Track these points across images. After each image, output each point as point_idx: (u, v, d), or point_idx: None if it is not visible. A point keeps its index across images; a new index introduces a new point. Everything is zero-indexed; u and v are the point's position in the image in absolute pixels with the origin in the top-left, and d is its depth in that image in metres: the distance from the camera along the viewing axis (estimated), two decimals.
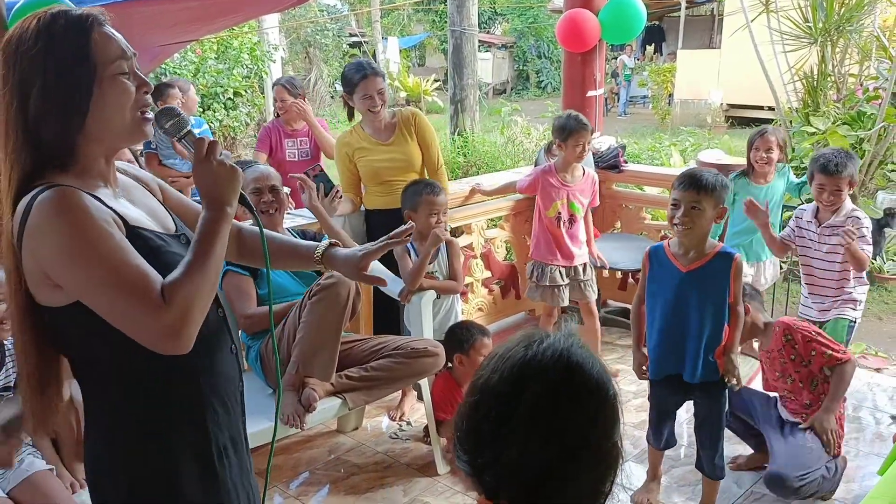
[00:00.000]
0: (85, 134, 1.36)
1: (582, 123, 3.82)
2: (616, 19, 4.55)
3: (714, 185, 2.60)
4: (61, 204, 1.27)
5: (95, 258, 1.27)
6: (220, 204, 1.42)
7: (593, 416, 0.99)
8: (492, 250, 4.64)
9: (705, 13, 21.65)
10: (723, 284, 2.68)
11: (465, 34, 8.92)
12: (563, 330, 1.04)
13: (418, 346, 2.96)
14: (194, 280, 1.32)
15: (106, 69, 1.34)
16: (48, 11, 1.34)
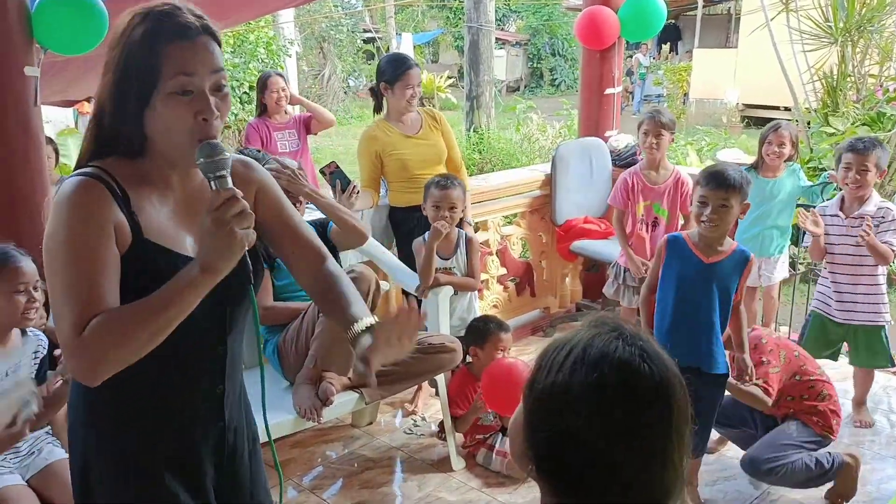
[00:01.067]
0: (147, 136, 1.35)
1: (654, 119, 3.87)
2: (636, 16, 4.52)
3: (741, 182, 2.69)
4: (69, 194, 1.31)
5: (62, 256, 1.29)
6: (209, 267, 1.28)
7: (686, 409, 0.96)
8: (508, 247, 4.63)
9: (722, 12, 21.53)
10: (735, 281, 2.77)
11: (482, 31, 8.90)
12: (633, 324, 1.00)
13: (436, 341, 2.96)
14: (125, 329, 1.27)
15: (164, 84, 1.30)
16: (145, 10, 1.31)
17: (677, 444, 0.94)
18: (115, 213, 1.33)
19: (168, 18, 1.31)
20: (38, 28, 2.59)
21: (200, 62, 1.31)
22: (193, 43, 1.31)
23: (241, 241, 1.28)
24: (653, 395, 0.93)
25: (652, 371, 0.93)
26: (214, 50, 1.34)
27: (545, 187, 4.65)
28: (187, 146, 1.32)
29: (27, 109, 2.61)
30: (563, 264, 4.87)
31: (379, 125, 3.64)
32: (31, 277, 2.33)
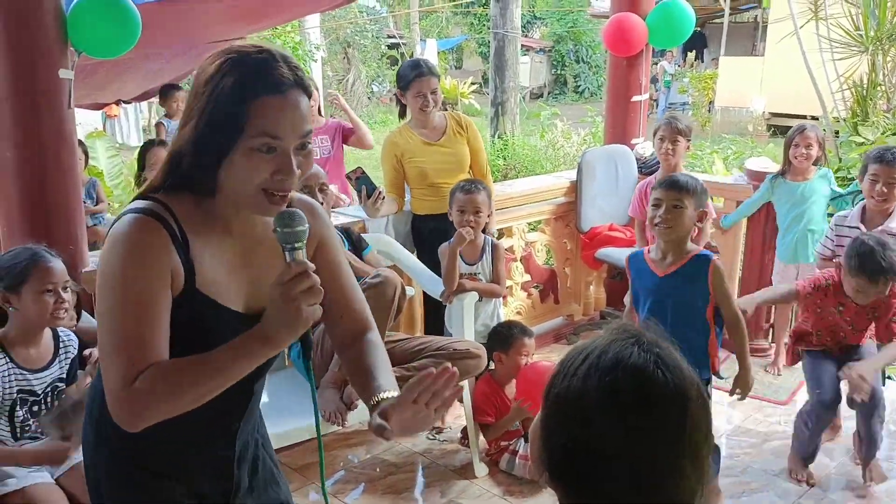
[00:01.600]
0: (219, 181, 1.33)
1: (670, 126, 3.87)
2: (665, 23, 4.50)
3: (695, 186, 2.67)
4: (128, 232, 1.29)
5: (116, 299, 1.28)
6: (271, 340, 1.27)
7: (707, 416, 0.96)
8: (532, 254, 4.62)
9: (748, 20, 21.39)
10: (701, 288, 2.69)
11: (508, 37, 8.90)
12: (652, 326, 1.01)
13: (460, 347, 2.95)
14: (178, 388, 1.27)
15: (248, 140, 1.27)
16: (239, 55, 1.28)
17: (691, 455, 0.93)
18: (173, 259, 1.31)
19: (261, 70, 1.27)
20: (72, 31, 2.63)
21: (289, 124, 1.28)
22: (284, 98, 1.27)
23: (307, 318, 1.26)
24: (666, 403, 0.92)
25: (666, 378, 0.92)
26: (304, 108, 1.30)
27: (570, 194, 4.64)
28: (257, 198, 1.31)
29: (61, 112, 2.65)
30: (587, 272, 4.84)
31: (401, 131, 3.65)
32: (61, 278, 2.34)
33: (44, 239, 2.65)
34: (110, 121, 13.25)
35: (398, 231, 3.73)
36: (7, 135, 2.59)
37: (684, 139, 3.83)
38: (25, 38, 2.55)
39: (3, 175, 2.64)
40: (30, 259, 2.31)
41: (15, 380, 2.31)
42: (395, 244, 3.57)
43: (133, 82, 5.53)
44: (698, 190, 2.68)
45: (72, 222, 2.76)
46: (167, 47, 4.87)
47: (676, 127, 3.80)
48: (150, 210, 1.31)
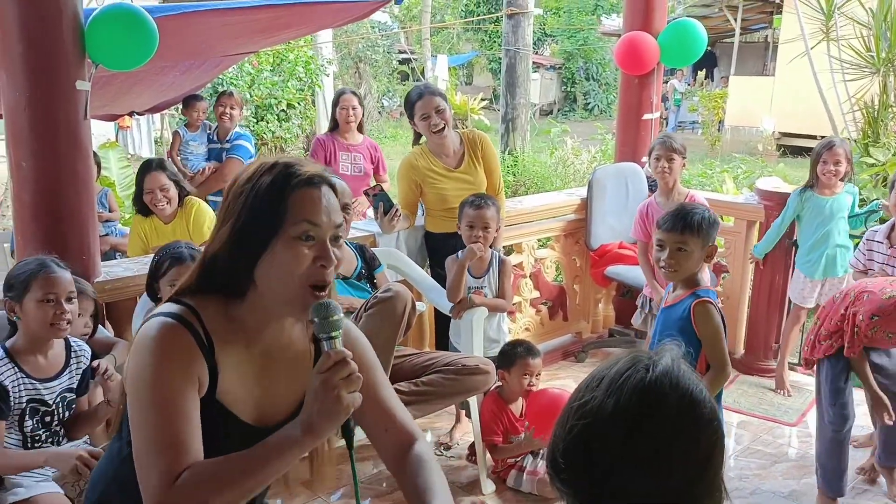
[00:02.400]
0: (256, 281, 1.35)
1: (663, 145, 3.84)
2: (676, 42, 4.52)
3: (700, 223, 2.50)
4: (157, 338, 1.31)
5: (149, 402, 1.29)
6: (312, 430, 1.27)
7: (712, 442, 0.96)
8: (541, 270, 4.62)
9: (759, 40, 21.43)
10: (686, 328, 2.50)
11: (520, 54, 8.95)
12: (670, 351, 1.01)
13: (469, 363, 2.95)
14: (222, 486, 1.27)
15: (289, 228, 1.32)
16: (270, 162, 1.37)
17: (700, 480, 0.95)
18: (200, 365, 1.33)
19: (295, 168, 1.36)
20: (90, 44, 2.66)
21: (325, 213, 1.34)
22: (319, 191, 1.35)
23: (348, 407, 1.27)
24: (672, 425, 0.94)
25: (672, 399, 0.95)
26: (335, 203, 1.38)
27: (580, 211, 4.64)
28: (298, 290, 1.33)
29: (77, 123, 2.67)
30: (596, 289, 4.84)
31: (421, 154, 3.63)
32: (64, 288, 2.33)
33: (58, 248, 2.67)
34: (123, 132, 13.33)
35: (409, 246, 3.74)
36: (24, 144, 2.62)
37: (679, 157, 3.84)
38: (43, 50, 2.57)
39: (20, 184, 2.66)
40: (35, 268, 2.32)
41: (24, 389, 2.31)
42: (405, 259, 3.58)
43: (146, 94, 5.56)
44: (704, 227, 2.51)
45: (85, 232, 2.77)
46: (182, 60, 4.90)
47: (671, 145, 3.81)
48: (178, 315, 1.34)
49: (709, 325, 2.49)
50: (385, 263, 3.36)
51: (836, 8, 6.42)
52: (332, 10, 5.03)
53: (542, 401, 3.15)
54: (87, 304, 2.63)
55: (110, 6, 2.77)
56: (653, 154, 3.89)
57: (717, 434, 0.97)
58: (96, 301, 2.67)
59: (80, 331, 2.57)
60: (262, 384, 1.42)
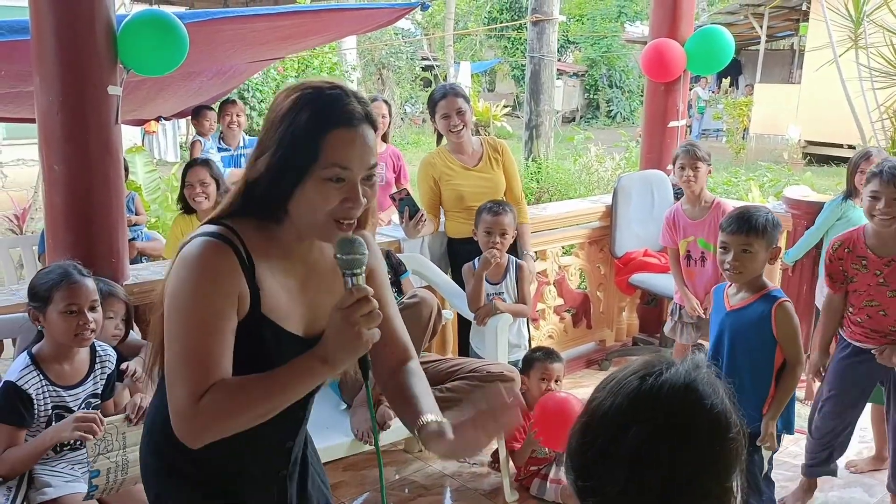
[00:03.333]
0: (289, 208, 1.38)
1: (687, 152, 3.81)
2: (703, 50, 4.49)
3: (765, 225, 2.51)
4: (200, 255, 1.34)
5: (185, 319, 1.33)
6: (330, 361, 1.32)
7: (704, 458, 0.95)
8: (565, 277, 4.60)
9: (784, 47, 21.25)
10: (763, 330, 2.51)
11: (544, 61, 8.94)
12: (690, 360, 1.00)
13: (494, 369, 2.94)
14: (242, 406, 1.32)
15: (321, 170, 1.34)
16: (314, 90, 1.37)
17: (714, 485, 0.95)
18: (241, 283, 1.36)
19: (334, 103, 1.35)
20: (122, 49, 2.69)
21: (358, 157, 1.35)
22: (355, 132, 1.35)
23: (367, 342, 1.30)
24: (697, 431, 0.94)
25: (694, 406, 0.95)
26: (372, 142, 1.38)
27: (605, 218, 4.62)
28: (324, 225, 1.37)
29: (108, 128, 2.70)
30: (620, 297, 4.81)
31: (439, 153, 3.67)
32: (86, 298, 2.32)
33: (88, 250, 2.70)
34: (149, 136, 13.49)
35: (433, 252, 3.74)
36: (56, 148, 2.65)
37: (705, 164, 3.80)
38: (77, 55, 2.61)
39: (52, 187, 2.69)
40: (57, 279, 2.30)
41: (49, 397, 2.31)
42: (430, 265, 3.59)
43: (174, 99, 5.62)
44: (769, 228, 2.51)
45: (115, 236, 2.80)
46: (209, 66, 4.95)
47: (696, 154, 3.77)
48: (220, 234, 1.37)
49: (791, 324, 2.53)
50: (410, 269, 3.37)
51: (866, 15, 6.35)
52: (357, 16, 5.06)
53: (549, 403, 3.12)
54: (119, 307, 2.64)
55: (142, 12, 2.80)
56: (677, 162, 3.85)
57: (721, 445, 0.96)
58: (128, 304, 2.68)
59: (110, 333, 2.58)
60: (305, 297, 1.46)
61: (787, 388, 2.56)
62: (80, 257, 2.66)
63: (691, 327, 3.87)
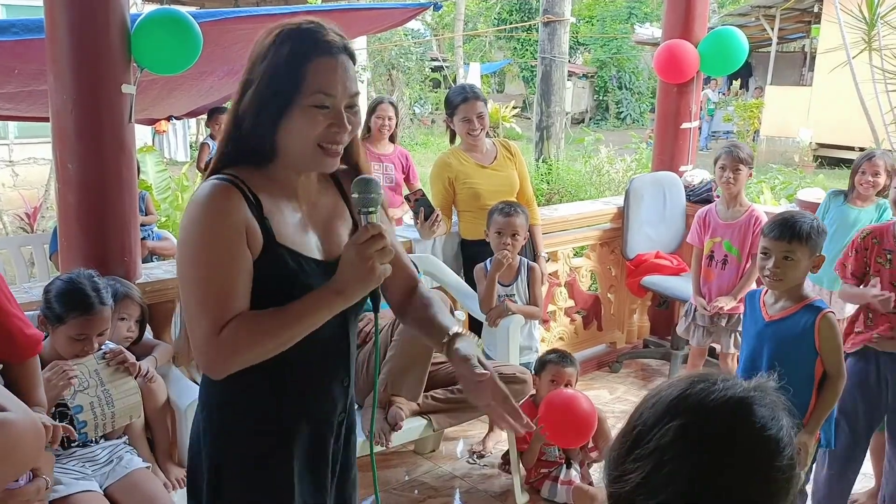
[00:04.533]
0: (278, 142, 1.42)
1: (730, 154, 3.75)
2: (717, 51, 4.48)
3: (809, 233, 2.41)
4: (207, 197, 1.38)
5: (199, 258, 1.38)
6: (344, 293, 1.39)
7: (744, 477, 0.91)
8: (576, 279, 4.58)
9: (795, 49, 21.17)
10: (805, 342, 2.43)
11: (555, 62, 8.93)
12: (757, 381, 0.98)
13: (506, 371, 2.93)
14: (261, 336, 1.37)
15: (305, 98, 1.38)
16: (293, 26, 1.40)
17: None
18: (249, 217, 1.40)
19: (314, 35, 1.40)
20: (136, 48, 2.69)
21: (341, 84, 1.40)
22: (336, 60, 1.40)
23: (380, 276, 1.39)
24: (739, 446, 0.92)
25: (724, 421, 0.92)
26: (352, 71, 1.43)
27: (616, 220, 4.60)
28: (313, 153, 1.41)
29: (122, 126, 2.69)
30: (631, 299, 4.79)
31: (454, 153, 3.66)
32: (97, 328, 2.33)
33: (100, 249, 2.70)
34: (159, 136, 13.54)
35: (446, 253, 3.73)
36: (70, 147, 2.65)
37: (746, 167, 3.75)
38: (91, 53, 2.60)
39: (65, 185, 2.69)
40: (75, 304, 2.30)
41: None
42: (441, 265, 3.58)
43: (186, 99, 5.63)
44: (813, 235, 2.42)
45: (128, 234, 2.80)
46: (221, 66, 4.96)
47: (738, 156, 3.72)
48: (222, 178, 1.42)
49: (835, 337, 2.45)
50: (422, 270, 3.36)
51: (880, 17, 6.31)
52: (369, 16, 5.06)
53: (555, 400, 3.06)
54: (133, 309, 2.63)
55: (156, 11, 2.79)
56: (718, 162, 3.81)
57: (769, 469, 0.93)
58: (143, 307, 2.68)
59: (123, 335, 2.58)
60: (315, 226, 1.51)
61: (828, 403, 2.48)
62: (92, 256, 2.67)
63: (703, 330, 3.84)
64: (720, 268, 3.79)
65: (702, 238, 3.86)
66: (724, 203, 3.84)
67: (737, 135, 16.68)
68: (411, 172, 4.87)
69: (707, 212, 3.89)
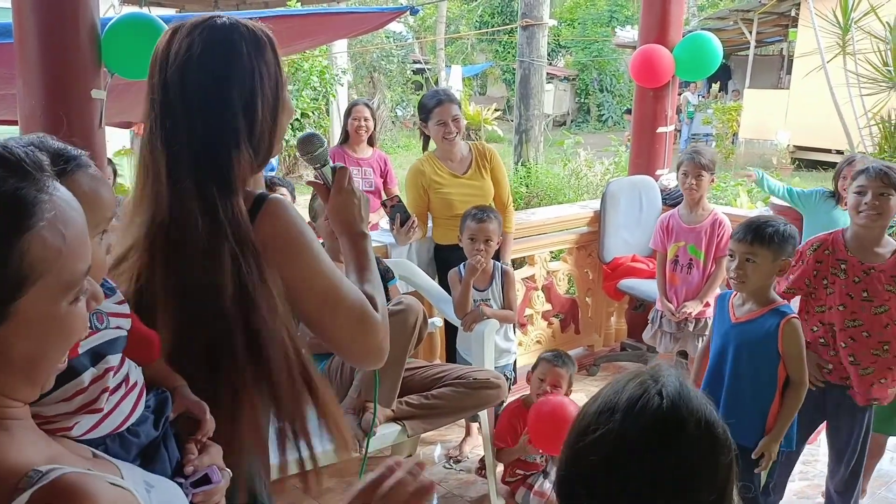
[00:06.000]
0: (274, 143, 1.41)
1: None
2: (691, 56, 4.51)
3: (773, 235, 2.43)
4: (293, 214, 1.35)
5: (323, 274, 1.34)
6: (361, 229, 1.49)
7: (726, 466, 0.97)
8: (553, 283, 4.60)
9: (773, 53, 21.36)
10: (769, 345, 2.46)
11: (534, 66, 8.95)
12: (669, 371, 1.01)
13: (480, 376, 2.93)
14: (381, 298, 1.43)
15: (285, 86, 1.40)
16: (240, 23, 1.33)
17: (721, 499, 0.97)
18: None
19: (254, 29, 1.35)
20: (106, 53, 2.67)
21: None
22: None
23: (364, 195, 1.52)
24: (694, 450, 0.96)
25: (691, 424, 0.96)
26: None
27: (593, 224, 4.62)
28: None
29: (92, 132, 2.68)
30: (608, 302, 4.81)
31: (428, 159, 3.65)
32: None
33: None
34: (138, 139, 13.43)
35: (420, 258, 3.73)
36: None
37: (708, 173, 3.79)
38: (60, 59, 2.59)
39: None
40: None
41: None
42: (417, 270, 3.57)
43: None
44: (776, 240, 2.44)
45: None
46: None
47: (699, 162, 3.76)
48: (266, 195, 1.41)
49: (798, 341, 2.48)
50: (397, 275, 3.35)
51: (853, 22, 6.38)
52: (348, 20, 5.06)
53: (544, 409, 3.04)
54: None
55: (126, 15, 2.78)
56: (680, 169, 3.85)
57: (732, 452, 0.99)
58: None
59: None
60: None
61: (791, 408, 2.50)
62: None
63: (670, 336, 3.86)
64: (685, 272, 3.82)
65: (665, 243, 3.89)
66: (687, 207, 3.87)
67: (716, 137, 16.79)
68: (389, 177, 4.86)
69: (670, 216, 3.92)
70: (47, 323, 0.79)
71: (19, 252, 0.75)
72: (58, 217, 0.78)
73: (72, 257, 0.79)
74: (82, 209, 0.83)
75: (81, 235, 0.82)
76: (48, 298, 0.78)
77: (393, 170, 4.95)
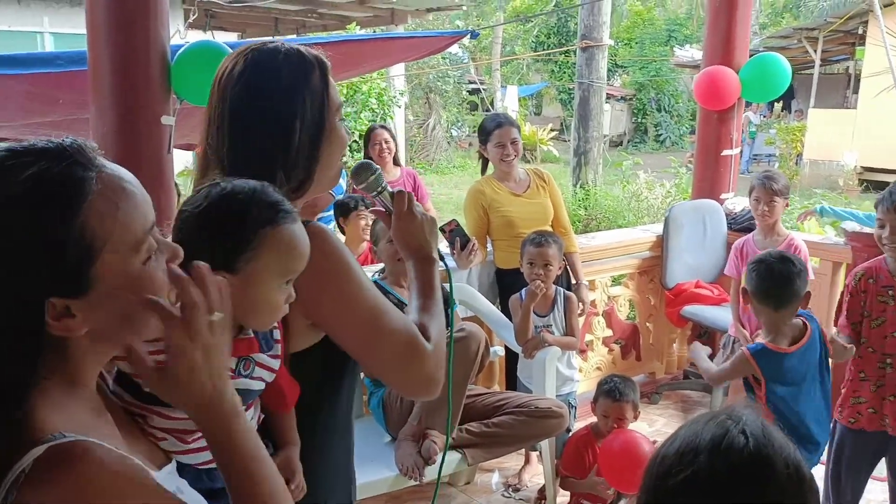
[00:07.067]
0: (314, 174, 1.33)
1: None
2: (759, 77, 4.40)
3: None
4: (334, 241, 1.30)
5: (366, 302, 1.29)
6: (429, 253, 1.47)
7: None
8: (614, 308, 4.51)
9: (838, 71, 20.84)
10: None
11: (593, 87, 8.89)
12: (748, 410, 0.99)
13: (542, 405, 2.88)
14: (437, 326, 1.38)
15: (336, 114, 1.35)
16: (289, 47, 1.32)
17: None
18: None
19: (301, 54, 1.32)
20: (176, 79, 2.72)
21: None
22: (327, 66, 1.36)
23: (432, 218, 1.50)
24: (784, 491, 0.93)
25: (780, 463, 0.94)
26: None
27: (655, 248, 4.52)
28: (339, 168, 1.40)
29: (161, 157, 2.73)
30: (670, 328, 4.70)
31: (487, 181, 3.64)
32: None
33: None
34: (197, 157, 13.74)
35: (481, 283, 3.70)
36: None
37: (781, 198, 3.70)
38: (132, 86, 2.65)
39: None
40: None
41: None
42: (477, 295, 3.54)
43: None
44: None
45: None
46: None
47: (772, 188, 3.67)
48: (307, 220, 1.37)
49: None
50: (457, 300, 3.33)
51: None
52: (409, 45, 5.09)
53: (614, 445, 2.95)
54: None
55: (196, 43, 2.84)
56: (752, 194, 3.77)
57: (817, 495, 0.99)
58: None
59: None
60: None
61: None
62: None
63: None
64: None
65: (739, 269, 3.78)
66: (762, 233, 3.77)
67: (779, 158, 16.42)
68: (420, 192, 4.81)
69: (744, 242, 3.82)
70: (126, 282, 0.89)
71: (80, 225, 0.84)
72: (107, 188, 0.88)
73: (128, 221, 0.89)
74: (145, 192, 0.97)
75: (134, 199, 0.92)
76: (119, 261, 0.88)
77: (423, 185, 4.92)
